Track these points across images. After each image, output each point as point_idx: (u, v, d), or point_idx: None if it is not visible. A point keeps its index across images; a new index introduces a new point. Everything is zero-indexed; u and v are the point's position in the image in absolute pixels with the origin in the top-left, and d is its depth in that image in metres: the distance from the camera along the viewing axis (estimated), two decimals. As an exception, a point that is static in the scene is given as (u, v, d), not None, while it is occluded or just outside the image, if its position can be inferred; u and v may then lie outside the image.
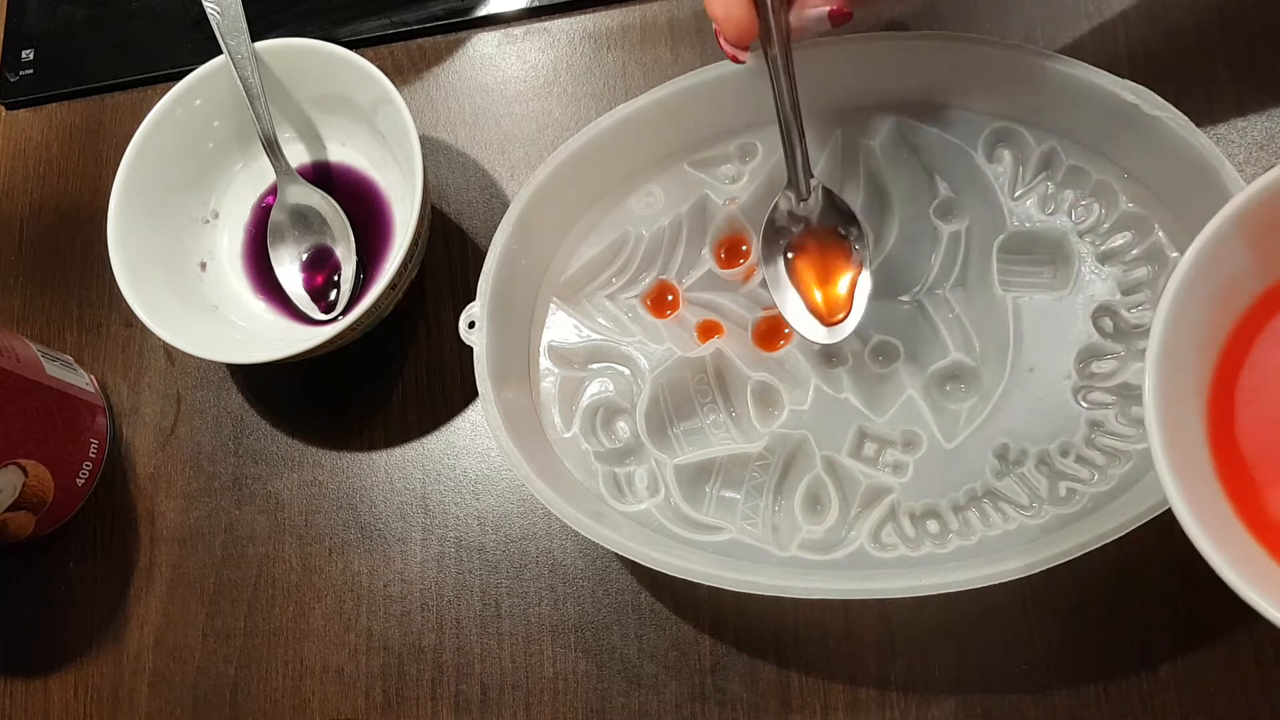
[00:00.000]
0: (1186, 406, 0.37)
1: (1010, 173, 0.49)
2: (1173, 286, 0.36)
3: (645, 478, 0.49)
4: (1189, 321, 0.36)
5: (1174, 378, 0.36)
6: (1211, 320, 0.37)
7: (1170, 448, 0.35)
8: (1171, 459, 0.34)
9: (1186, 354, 0.37)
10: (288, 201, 0.58)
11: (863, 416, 0.48)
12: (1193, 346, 0.37)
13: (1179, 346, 0.36)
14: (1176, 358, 0.36)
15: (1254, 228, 0.36)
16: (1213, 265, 0.36)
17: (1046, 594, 0.47)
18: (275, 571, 0.56)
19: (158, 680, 0.56)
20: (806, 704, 0.49)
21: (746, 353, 0.50)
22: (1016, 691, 0.47)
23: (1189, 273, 0.36)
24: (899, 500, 0.47)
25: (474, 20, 0.62)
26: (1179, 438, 0.36)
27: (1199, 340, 0.37)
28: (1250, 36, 0.52)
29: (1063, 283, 0.48)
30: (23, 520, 0.55)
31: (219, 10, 0.56)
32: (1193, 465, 0.36)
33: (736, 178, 0.52)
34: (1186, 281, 0.36)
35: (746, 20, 0.43)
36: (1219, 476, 0.37)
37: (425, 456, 0.56)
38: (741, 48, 0.46)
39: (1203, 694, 0.46)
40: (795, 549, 0.47)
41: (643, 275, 0.53)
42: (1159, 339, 0.36)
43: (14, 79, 0.68)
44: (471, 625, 0.53)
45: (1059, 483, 0.45)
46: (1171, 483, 0.34)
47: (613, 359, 0.52)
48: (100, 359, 0.61)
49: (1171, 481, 0.34)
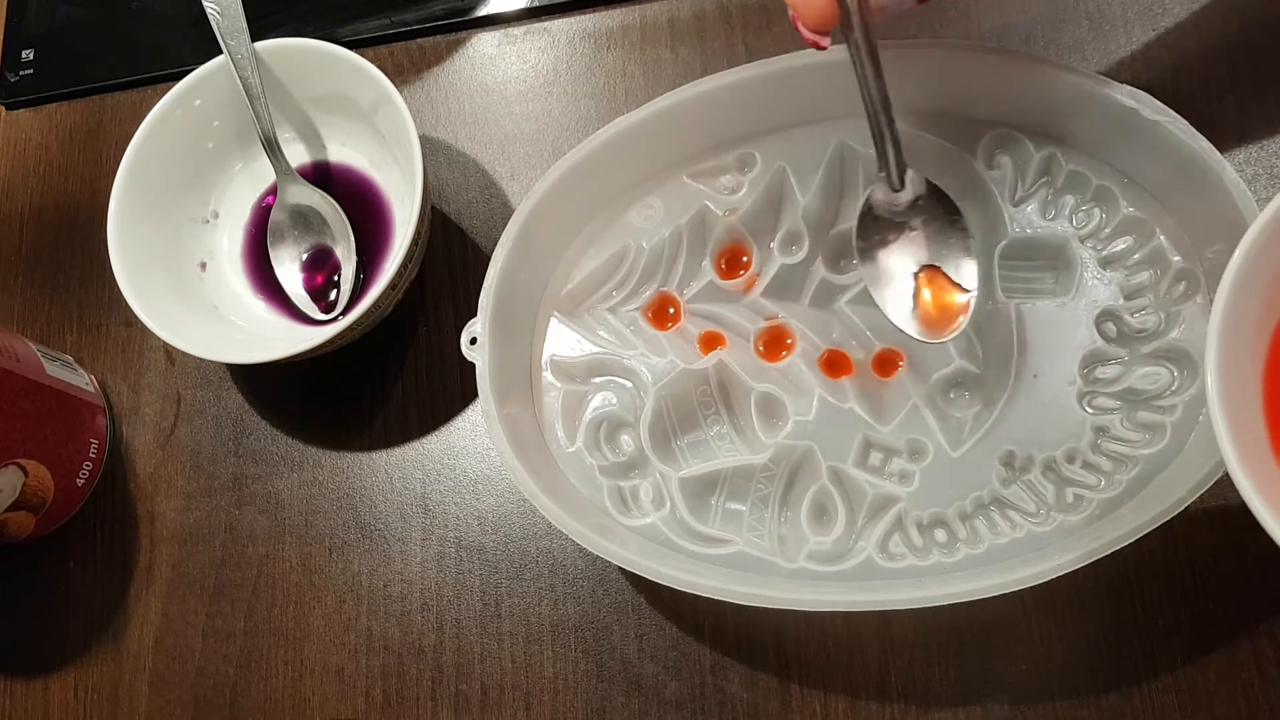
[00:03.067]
0: (1245, 383, 0.37)
1: (1010, 179, 0.49)
2: (1234, 265, 0.36)
3: (650, 491, 0.49)
4: (1249, 299, 0.37)
5: (1234, 354, 0.36)
6: (1269, 297, 0.37)
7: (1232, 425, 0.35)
8: (1233, 433, 0.35)
9: (1245, 331, 0.37)
10: (288, 201, 0.58)
11: (868, 426, 0.48)
12: (1250, 324, 0.37)
13: (1239, 322, 0.36)
14: (1236, 333, 0.36)
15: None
16: (1273, 245, 0.36)
17: (1047, 595, 0.47)
18: (275, 571, 0.56)
19: (158, 680, 0.56)
20: (806, 704, 0.49)
21: (749, 364, 0.50)
22: (1017, 692, 0.47)
23: (1251, 250, 0.36)
24: (906, 510, 0.47)
25: (474, 20, 0.62)
26: (1238, 413, 0.36)
27: (1256, 318, 0.37)
28: (1250, 38, 0.52)
29: (1065, 288, 0.48)
30: (23, 520, 0.55)
31: (219, 10, 0.56)
32: (1251, 437, 0.36)
33: (736, 188, 0.52)
34: (1248, 259, 0.36)
35: (826, 5, 0.40)
36: (1274, 446, 0.37)
37: (425, 456, 0.56)
38: (822, 34, 0.42)
39: (1203, 695, 0.46)
40: (803, 560, 0.47)
41: (643, 287, 0.53)
42: (1221, 313, 0.36)
43: (14, 79, 0.67)
44: (471, 625, 0.53)
45: (1066, 489, 0.46)
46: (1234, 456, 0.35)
47: (615, 372, 0.52)
48: (100, 359, 0.61)
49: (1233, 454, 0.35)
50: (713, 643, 0.50)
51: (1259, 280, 0.37)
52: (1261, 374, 0.38)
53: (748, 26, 0.59)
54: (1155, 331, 0.47)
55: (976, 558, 0.45)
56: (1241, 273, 0.36)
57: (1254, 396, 0.37)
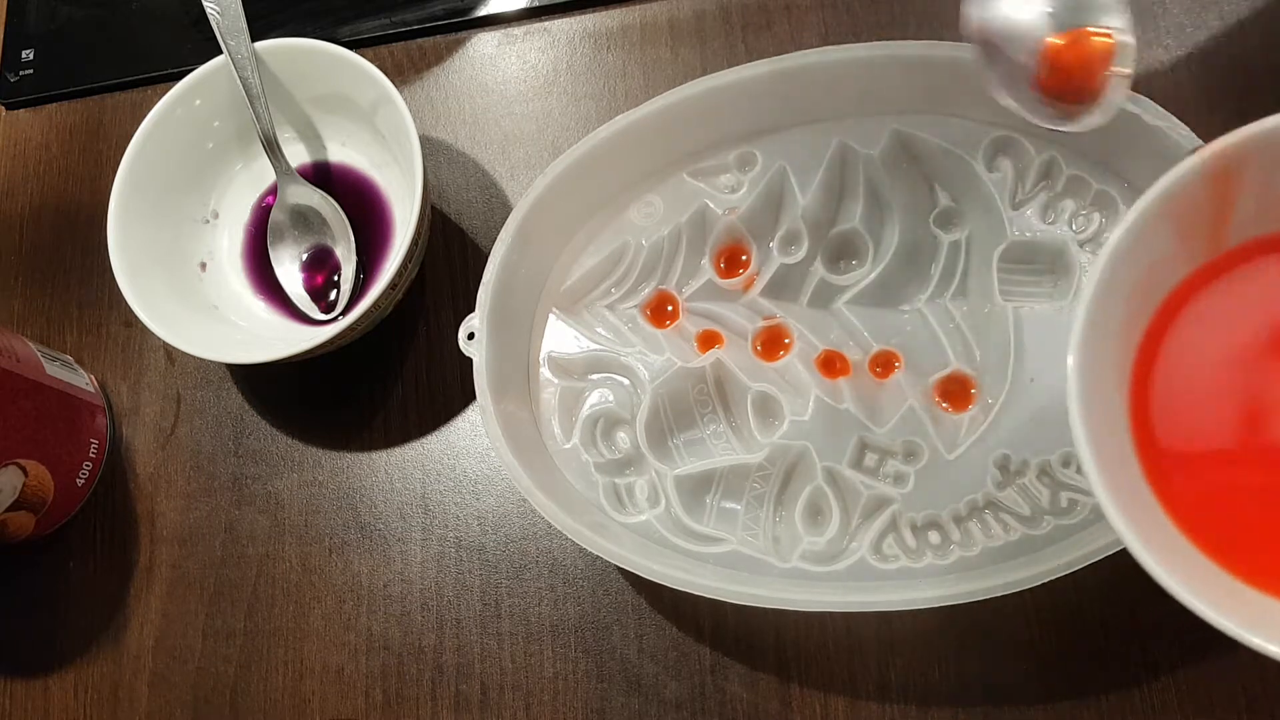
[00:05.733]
0: (1109, 398, 0.37)
1: (1010, 182, 0.49)
2: (1095, 274, 0.35)
3: (646, 489, 0.50)
4: (1112, 309, 0.36)
5: (1096, 368, 0.36)
6: (1134, 308, 0.37)
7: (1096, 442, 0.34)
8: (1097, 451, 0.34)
9: (1108, 343, 0.36)
10: (288, 201, 0.58)
11: (863, 427, 0.48)
12: (1115, 335, 0.37)
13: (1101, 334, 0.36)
14: (1098, 347, 0.36)
15: (1178, 212, 0.36)
16: (1137, 252, 0.36)
17: (1047, 595, 0.47)
18: (275, 571, 0.56)
19: (158, 680, 0.56)
20: (806, 704, 0.49)
21: (747, 363, 0.50)
22: (1016, 692, 0.47)
23: (1111, 260, 0.35)
24: (900, 511, 0.47)
25: (474, 20, 0.62)
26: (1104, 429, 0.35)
27: (1120, 329, 0.37)
28: (1250, 42, 0.52)
29: (1063, 293, 0.48)
30: (23, 520, 0.55)
31: (219, 10, 0.56)
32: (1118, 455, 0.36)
33: (736, 187, 0.52)
34: (1109, 269, 0.35)
35: None
36: (1141, 462, 0.37)
37: (425, 456, 0.56)
38: None
39: (1203, 695, 0.46)
40: (796, 560, 0.47)
41: (642, 285, 0.53)
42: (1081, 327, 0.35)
43: (14, 79, 0.67)
44: (471, 625, 0.53)
45: (1060, 493, 0.46)
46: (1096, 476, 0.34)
47: (613, 369, 0.52)
48: (100, 359, 0.62)
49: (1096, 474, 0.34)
50: (713, 643, 0.50)
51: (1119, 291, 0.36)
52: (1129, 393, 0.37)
53: (748, 26, 0.59)
54: (1153, 336, 0.47)
55: (970, 560, 0.45)
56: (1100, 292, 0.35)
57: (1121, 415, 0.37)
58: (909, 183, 0.50)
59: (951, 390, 0.49)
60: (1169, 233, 0.36)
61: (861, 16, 0.58)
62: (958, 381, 0.49)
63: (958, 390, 0.49)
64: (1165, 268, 0.37)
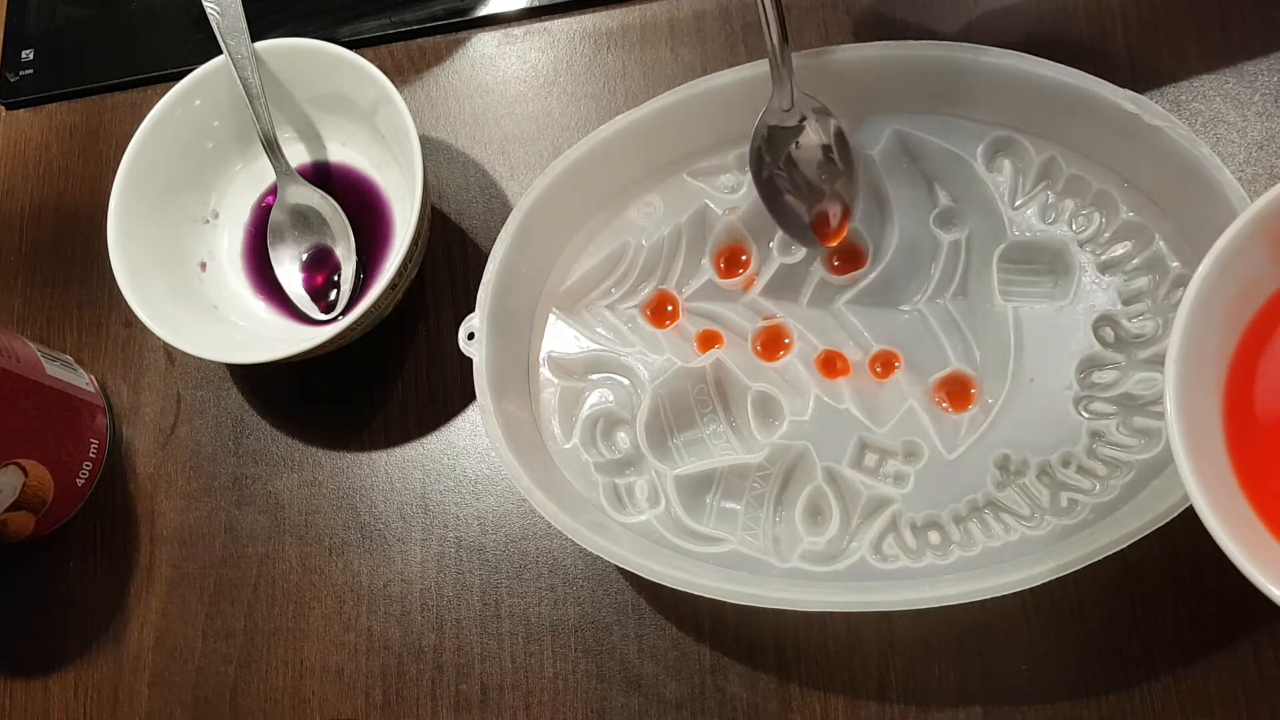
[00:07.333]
0: (1205, 405, 0.37)
1: (1010, 182, 0.49)
2: (1193, 290, 0.36)
3: (645, 489, 0.50)
4: (1209, 322, 0.37)
5: (1193, 377, 0.37)
6: (1228, 321, 0.38)
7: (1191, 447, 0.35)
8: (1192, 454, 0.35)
9: (1206, 353, 0.37)
10: (288, 201, 0.58)
11: (863, 427, 0.48)
12: (1212, 347, 0.37)
13: (1199, 346, 0.37)
14: (1196, 357, 0.37)
15: (1274, 231, 0.37)
16: (1232, 267, 0.37)
17: (1047, 595, 0.47)
18: (275, 571, 0.56)
19: (158, 680, 0.56)
20: (806, 704, 0.49)
21: (746, 363, 0.50)
22: (1016, 692, 0.47)
23: (1208, 276, 0.36)
24: (900, 511, 0.47)
25: (474, 20, 0.62)
26: (1199, 434, 0.36)
27: (1217, 341, 0.38)
28: (1251, 43, 0.52)
29: (1063, 292, 0.48)
30: (23, 520, 0.55)
31: (219, 10, 0.56)
32: (1211, 459, 0.37)
33: (736, 187, 0.52)
34: (1206, 285, 0.36)
35: None
36: (1234, 469, 0.37)
37: (425, 457, 0.56)
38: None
39: (1203, 695, 0.46)
40: (796, 560, 0.47)
41: (642, 285, 0.53)
42: (1180, 338, 0.36)
43: (14, 79, 0.67)
44: (471, 625, 0.53)
45: (1060, 493, 0.46)
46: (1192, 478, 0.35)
47: (612, 369, 0.52)
48: (100, 359, 0.62)
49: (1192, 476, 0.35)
50: (712, 643, 0.50)
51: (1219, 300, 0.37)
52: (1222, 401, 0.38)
53: (748, 26, 0.59)
54: (1153, 337, 0.47)
55: (970, 560, 0.45)
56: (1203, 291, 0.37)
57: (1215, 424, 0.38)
58: (909, 182, 0.51)
59: (951, 390, 0.49)
60: (1263, 252, 0.37)
61: (861, 17, 0.58)
62: (958, 381, 0.49)
63: (958, 390, 0.49)
64: (1257, 287, 0.38)
